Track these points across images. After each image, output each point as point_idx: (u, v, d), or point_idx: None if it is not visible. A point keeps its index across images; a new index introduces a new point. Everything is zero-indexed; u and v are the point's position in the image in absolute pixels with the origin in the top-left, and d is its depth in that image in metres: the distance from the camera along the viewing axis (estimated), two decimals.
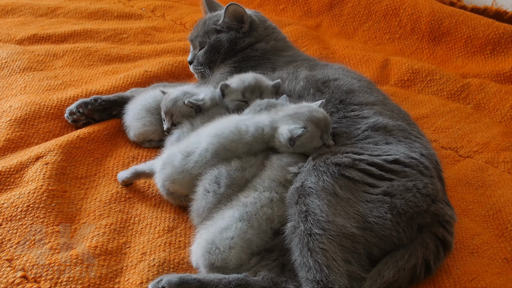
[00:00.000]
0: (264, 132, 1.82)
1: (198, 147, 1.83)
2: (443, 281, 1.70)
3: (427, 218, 1.65)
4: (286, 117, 1.83)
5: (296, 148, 1.79)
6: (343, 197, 1.62)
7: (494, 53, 3.15)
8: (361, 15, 3.56)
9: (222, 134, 1.82)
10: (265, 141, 1.83)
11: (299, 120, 1.80)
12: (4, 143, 2.12)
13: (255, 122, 1.84)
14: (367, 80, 2.25)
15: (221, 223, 1.66)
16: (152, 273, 1.64)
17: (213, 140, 1.81)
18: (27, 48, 2.87)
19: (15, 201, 1.84)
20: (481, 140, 2.49)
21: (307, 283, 1.50)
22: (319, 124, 1.80)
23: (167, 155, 1.88)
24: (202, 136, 1.85)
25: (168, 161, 1.85)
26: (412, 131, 1.92)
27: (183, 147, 1.86)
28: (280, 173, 1.77)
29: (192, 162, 1.81)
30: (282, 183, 1.75)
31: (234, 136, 1.81)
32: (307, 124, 1.79)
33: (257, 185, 1.74)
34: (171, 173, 1.83)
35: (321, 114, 1.82)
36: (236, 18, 2.39)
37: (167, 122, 2.08)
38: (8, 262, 1.65)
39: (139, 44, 3.14)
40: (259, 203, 1.69)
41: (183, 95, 2.07)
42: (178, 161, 1.83)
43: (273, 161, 1.80)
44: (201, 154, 1.81)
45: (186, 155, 1.83)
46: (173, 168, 1.83)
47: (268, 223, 1.67)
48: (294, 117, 1.81)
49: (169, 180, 1.84)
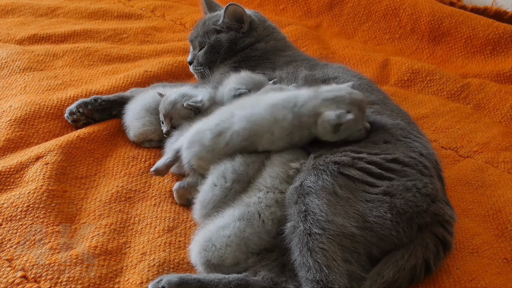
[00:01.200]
0: (303, 120, 1.75)
1: (229, 128, 1.79)
2: (443, 281, 1.70)
3: (427, 218, 1.65)
4: (327, 101, 1.75)
5: (341, 134, 1.74)
6: (343, 196, 1.62)
7: (494, 53, 3.15)
8: (361, 15, 3.56)
9: (255, 120, 1.77)
10: (305, 128, 1.77)
11: (342, 104, 1.73)
12: (4, 143, 2.12)
13: (292, 109, 1.76)
14: (367, 79, 2.25)
15: (219, 222, 1.66)
16: (152, 273, 1.64)
17: (246, 125, 1.77)
18: (27, 48, 2.87)
19: (15, 201, 1.84)
20: (481, 140, 2.49)
21: (307, 283, 1.50)
22: (360, 106, 1.75)
23: (194, 132, 1.83)
24: (235, 118, 1.79)
25: (196, 139, 1.81)
26: (412, 131, 1.92)
27: (213, 125, 1.80)
28: (281, 169, 1.75)
29: (223, 144, 1.78)
30: (285, 179, 1.73)
31: (268, 123, 1.76)
32: (351, 108, 1.73)
33: (260, 185, 1.73)
34: (199, 151, 1.80)
35: (360, 96, 1.78)
36: (235, 18, 2.39)
37: (166, 125, 2.07)
38: (8, 262, 1.65)
39: (139, 44, 3.14)
40: (264, 203, 1.68)
41: (181, 97, 2.06)
42: (208, 139, 1.79)
43: (273, 158, 1.79)
44: (232, 136, 1.78)
45: (217, 134, 1.79)
46: (202, 146, 1.79)
47: (276, 223, 1.66)
48: (336, 101, 1.74)
49: (196, 157, 1.81)
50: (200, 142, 1.80)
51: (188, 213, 1.91)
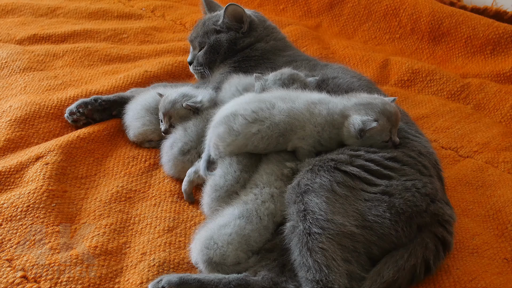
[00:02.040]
0: (335, 117, 1.77)
1: (268, 119, 1.76)
2: (443, 281, 1.70)
3: (426, 218, 1.65)
4: (358, 105, 1.78)
5: (364, 140, 1.75)
6: (341, 194, 1.62)
7: (494, 53, 3.15)
8: (361, 15, 3.56)
9: (295, 114, 1.77)
10: (335, 127, 1.78)
11: (372, 112, 1.75)
12: (4, 143, 2.12)
13: (327, 105, 1.78)
14: (367, 80, 2.25)
15: (220, 220, 1.67)
16: (152, 273, 1.65)
17: (286, 119, 1.76)
18: (27, 48, 2.87)
19: (15, 201, 1.84)
20: (481, 140, 2.49)
21: (306, 283, 1.50)
22: (390, 118, 1.76)
23: (226, 113, 1.80)
24: (276, 109, 1.77)
25: (225, 121, 1.78)
26: (411, 130, 1.92)
27: (249, 112, 1.77)
28: (277, 166, 1.77)
29: (254, 131, 1.75)
30: (279, 177, 1.75)
31: (304, 118, 1.77)
32: (379, 117, 1.74)
33: (257, 181, 1.75)
34: (223, 133, 1.78)
35: (393, 109, 1.79)
36: (235, 18, 2.39)
37: (165, 124, 2.08)
38: (8, 262, 1.66)
39: (139, 44, 3.14)
40: (260, 199, 1.70)
41: (181, 97, 2.07)
42: (239, 124, 1.76)
43: (270, 155, 1.81)
44: (269, 127, 1.76)
45: (252, 121, 1.76)
46: (229, 129, 1.77)
47: (271, 218, 1.69)
48: (367, 107, 1.77)
49: (218, 137, 1.79)
50: (228, 125, 1.78)
51: (188, 213, 1.91)
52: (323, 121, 1.77)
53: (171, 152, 2.02)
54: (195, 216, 1.90)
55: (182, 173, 2.00)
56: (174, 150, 2.01)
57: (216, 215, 1.71)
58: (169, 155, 2.03)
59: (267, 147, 1.79)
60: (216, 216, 1.70)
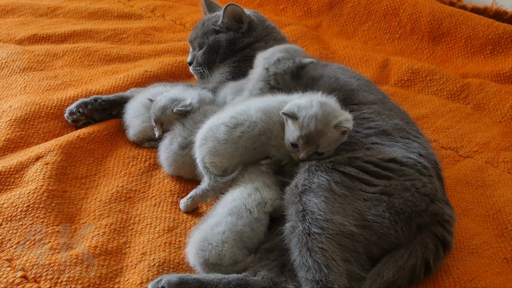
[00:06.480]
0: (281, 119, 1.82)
1: (247, 120, 1.80)
2: (443, 281, 1.70)
3: (426, 218, 1.65)
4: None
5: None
6: (340, 193, 1.62)
7: (494, 53, 3.15)
8: (361, 15, 3.56)
9: (270, 112, 1.82)
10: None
11: None
12: (4, 143, 2.12)
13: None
14: (366, 79, 2.25)
15: (211, 221, 1.68)
16: (152, 273, 1.65)
17: (263, 116, 1.80)
18: (27, 48, 2.87)
19: (15, 201, 1.84)
20: (481, 140, 2.49)
21: (306, 283, 1.50)
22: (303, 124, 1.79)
23: (207, 129, 1.84)
24: (252, 109, 1.82)
25: (210, 134, 1.82)
26: (411, 131, 1.92)
27: (228, 119, 1.82)
28: (253, 167, 1.82)
29: (238, 134, 1.79)
30: (259, 174, 1.79)
31: (277, 117, 1.81)
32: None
33: (239, 182, 1.79)
34: (213, 146, 1.81)
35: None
36: (235, 18, 2.39)
37: (158, 130, 2.09)
38: (8, 262, 1.66)
39: (139, 44, 3.14)
40: (246, 193, 1.72)
41: (170, 103, 2.07)
42: (223, 132, 1.80)
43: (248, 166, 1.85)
44: (249, 126, 1.79)
45: (233, 126, 1.80)
46: (216, 140, 1.80)
47: (261, 208, 1.70)
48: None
49: (210, 153, 1.82)
50: (214, 137, 1.81)
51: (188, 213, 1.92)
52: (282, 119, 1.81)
53: (170, 148, 2.02)
54: (195, 216, 1.90)
55: (182, 169, 2.02)
56: (174, 145, 2.01)
57: (207, 217, 1.72)
58: (168, 151, 2.03)
59: (255, 146, 1.81)
60: (207, 218, 1.71)
